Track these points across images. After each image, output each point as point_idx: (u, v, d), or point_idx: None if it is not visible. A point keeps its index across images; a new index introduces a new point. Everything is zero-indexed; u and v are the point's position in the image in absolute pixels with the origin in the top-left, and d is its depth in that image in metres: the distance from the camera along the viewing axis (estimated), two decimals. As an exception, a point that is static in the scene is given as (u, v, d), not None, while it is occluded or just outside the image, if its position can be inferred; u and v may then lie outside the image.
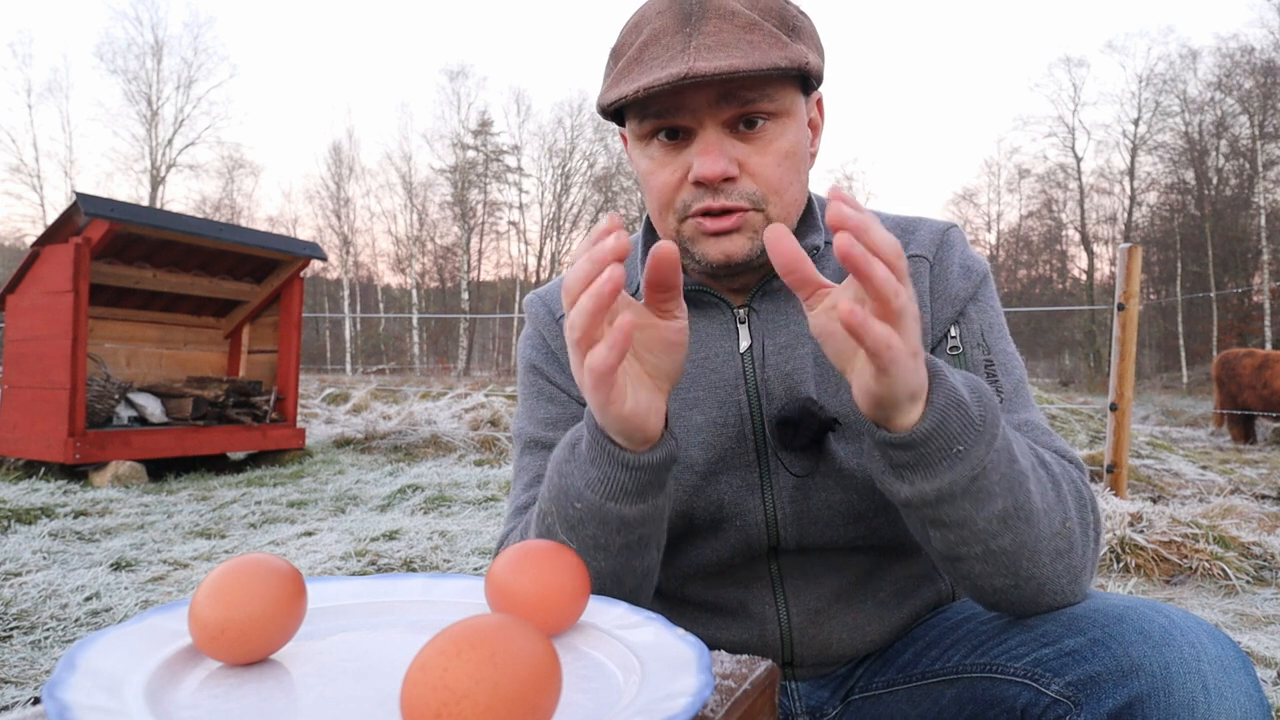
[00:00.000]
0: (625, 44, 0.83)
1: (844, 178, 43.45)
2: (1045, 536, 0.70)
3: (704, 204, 0.81)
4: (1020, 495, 0.68)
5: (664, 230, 0.87)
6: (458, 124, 39.50)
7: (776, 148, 0.81)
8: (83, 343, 4.76)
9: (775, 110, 0.80)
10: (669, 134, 0.82)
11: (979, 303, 0.90)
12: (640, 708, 0.44)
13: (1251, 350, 9.44)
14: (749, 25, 0.78)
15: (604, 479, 0.70)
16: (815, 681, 0.93)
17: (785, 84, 0.80)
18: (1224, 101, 31.76)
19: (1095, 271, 35.89)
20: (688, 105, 0.79)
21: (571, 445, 0.74)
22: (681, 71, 0.74)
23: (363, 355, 36.59)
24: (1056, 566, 0.71)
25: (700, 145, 0.80)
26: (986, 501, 0.66)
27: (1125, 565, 3.07)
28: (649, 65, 0.78)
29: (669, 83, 0.74)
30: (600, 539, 0.73)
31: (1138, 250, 3.95)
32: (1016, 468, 0.68)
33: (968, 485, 0.65)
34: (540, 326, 0.98)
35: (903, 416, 0.64)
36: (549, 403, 0.95)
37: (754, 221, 0.82)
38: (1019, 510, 0.68)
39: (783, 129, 0.81)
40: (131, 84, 36.38)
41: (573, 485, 0.72)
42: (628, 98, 0.77)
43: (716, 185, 0.80)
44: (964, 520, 0.67)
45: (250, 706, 0.47)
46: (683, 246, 0.85)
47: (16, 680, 1.94)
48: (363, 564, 3.03)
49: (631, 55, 0.80)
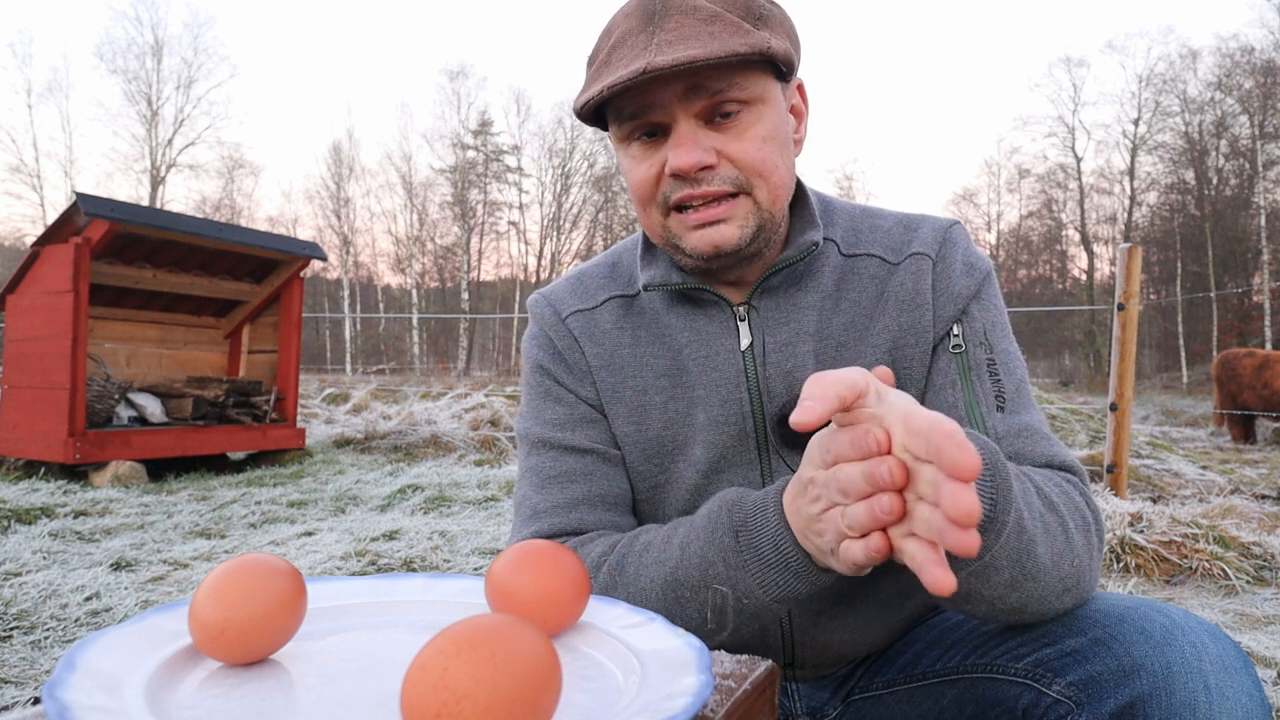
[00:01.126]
0: (598, 50, 0.84)
1: (844, 177, 43.48)
2: (1053, 582, 0.69)
3: (684, 192, 0.81)
4: (1028, 563, 0.66)
5: (649, 226, 0.87)
6: (458, 124, 39.55)
7: (754, 133, 0.81)
8: (83, 343, 4.76)
9: (747, 98, 0.80)
10: (647, 133, 0.83)
11: (982, 301, 0.90)
12: (640, 708, 0.44)
13: (1252, 350, 9.44)
14: (710, 17, 0.78)
15: (782, 585, 0.68)
16: (816, 682, 0.93)
17: (755, 72, 0.80)
18: (1224, 101, 31.77)
19: (1095, 271, 35.90)
20: (658, 101, 0.79)
21: (734, 532, 0.70)
22: (640, 67, 0.75)
23: (363, 355, 36.60)
24: (1064, 600, 0.71)
25: (674, 139, 0.80)
26: (992, 576, 0.65)
27: (1125, 565, 3.07)
28: (615, 66, 0.79)
29: (629, 79, 0.75)
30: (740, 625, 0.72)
31: (1138, 250, 3.95)
32: (1025, 537, 0.65)
33: (976, 569, 0.64)
34: (546, 327, 0.97)
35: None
36: (556, 403, 0.94)
37: (742, 208, 0.82)
38: (1026, 575, 0.66)
39: (758, 116, 0.81)
40: (131, 84, 36.43)
41: (743, 581, 0.69)
42: (593, 99, 0.79)
43: (694, 175, 0.80)
44: (967, 595, 0.66)
45: (250, 706, 0.47)
46: (672, 243, 0.85)
47: (16, 680, 1.94)
48: (363, 564, 3.03)
49: (602, 59, 0.82)
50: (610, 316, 0.95)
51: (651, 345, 0.92)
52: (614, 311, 0.95)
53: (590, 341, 0.94)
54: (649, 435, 0.91)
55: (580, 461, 0.91)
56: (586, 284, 0.98)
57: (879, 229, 0.93)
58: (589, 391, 0.94)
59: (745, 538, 0.69)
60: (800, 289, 0.89)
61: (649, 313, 0.94)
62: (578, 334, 0.95)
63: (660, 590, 0.75)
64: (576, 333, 0.95)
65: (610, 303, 0.96)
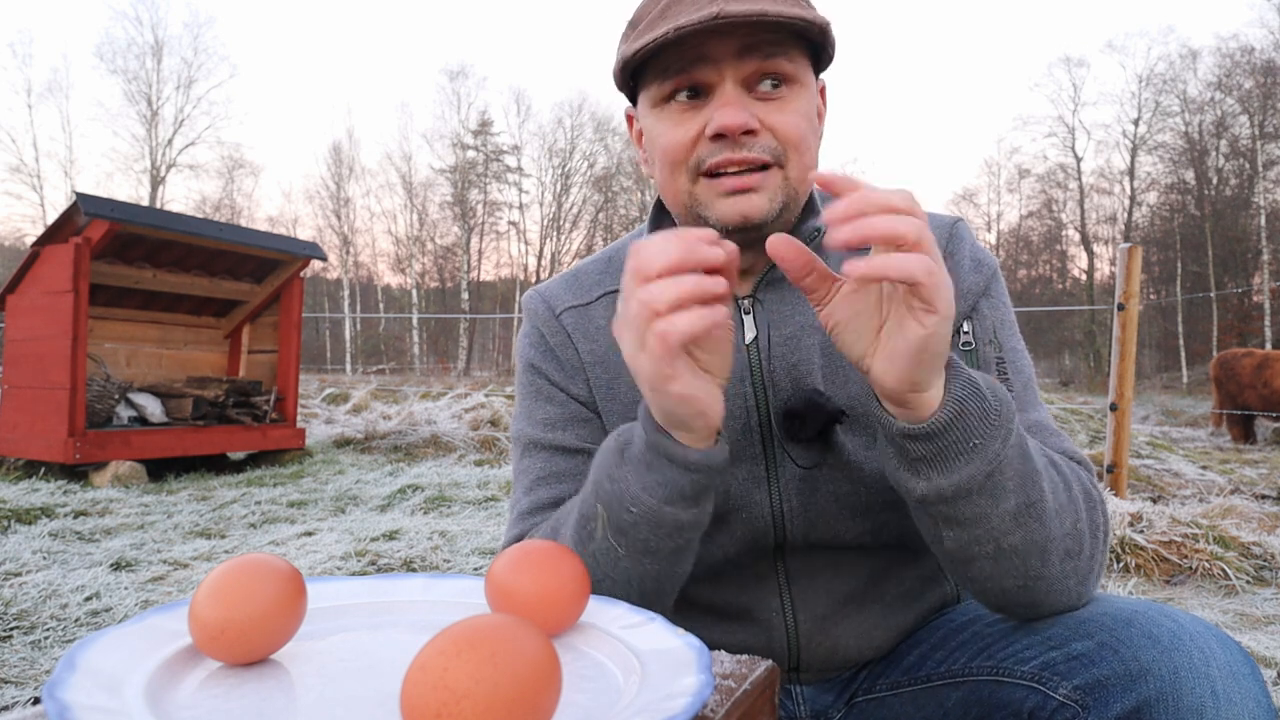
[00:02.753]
0: (647, 9, 0.83)
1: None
2: (1056, 536, 0.70)
3: (723, 156, 0.80)
4: (1034, 492, 0.68)
5: (673, 193, 0.85)
6: (458, 124, 39.54)
7: (795, 107, 0.81)
8: (83, 343, 4.76)
9: (793, 74, 0.81)
10: (690, 93, 0.81)
11: (991, 298, 0.89)
12: (640, 708, 0.44)
13: (1251, 350, 9.44)
14: None
15: (663, 483, 0.69)
16: (820, 685, 0.92)
17: (802, 51, 0.81)
18: (1224, 101, 31.75)
19: (1095, 271, 35.89)
20: (711, 55, 0.78)
21: (620, 450, 0.72)
22: (713, 12, 0.74)
23: (363, 355, 36.58)
24: (1065, 567, 0.71)
25: (720, 99, 0.79)
26: (1001, 498, 0.66)
27: (1125, 565, 3.07)
28: (677, 14, 0.77)
29: (701, 22, 0.74)
30: (651, 543, 0.72)
31: (1138, 250, 3.94)
32: (1030, 464, 0.68)
33: (984, 481, 0.65)
34: (540, 324, 0.96)
35: (923, 403, 0.64)
36: (548, 403, 0.93)
37: (773, 181, 0.81)
38: (1032, 507, 0.68)
39: (798, 94, 0.81)
40: (131, 84, 36.43)
41: (627, 490, 0.70)
42: (658, 40, 0.76)
43: (737, 139, 0.79)
44: (978, 517, 0.67)
45: (250, 706, 0.47)
46: (696, 212, 0.84)
47: (16, 680, 1.94)
48: (363, 564, 3.02)
49: (655, 15, 0.80)
50: (605, 312, 0.94)
51: None
52: (609, 307, 0.94)
53: (584, 337, 0.93)
54: None
55: (570, 462, 0.90)
56: (582, 280, 0.97)
57: None
58: (581, 389, 0.93)
59: (629, 451, 0.71)
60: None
61: None
62: (571, 330, 0.94)
63: (573, 533, 0.76)
64: (570, 328, 0.94)
65: (606, 298, 0.95)
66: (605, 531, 0.73)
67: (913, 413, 0.65)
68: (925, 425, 0.64)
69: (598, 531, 0.74)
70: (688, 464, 0.68)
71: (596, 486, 0.74)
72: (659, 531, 0.71)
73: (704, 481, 0.70)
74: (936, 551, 0.73)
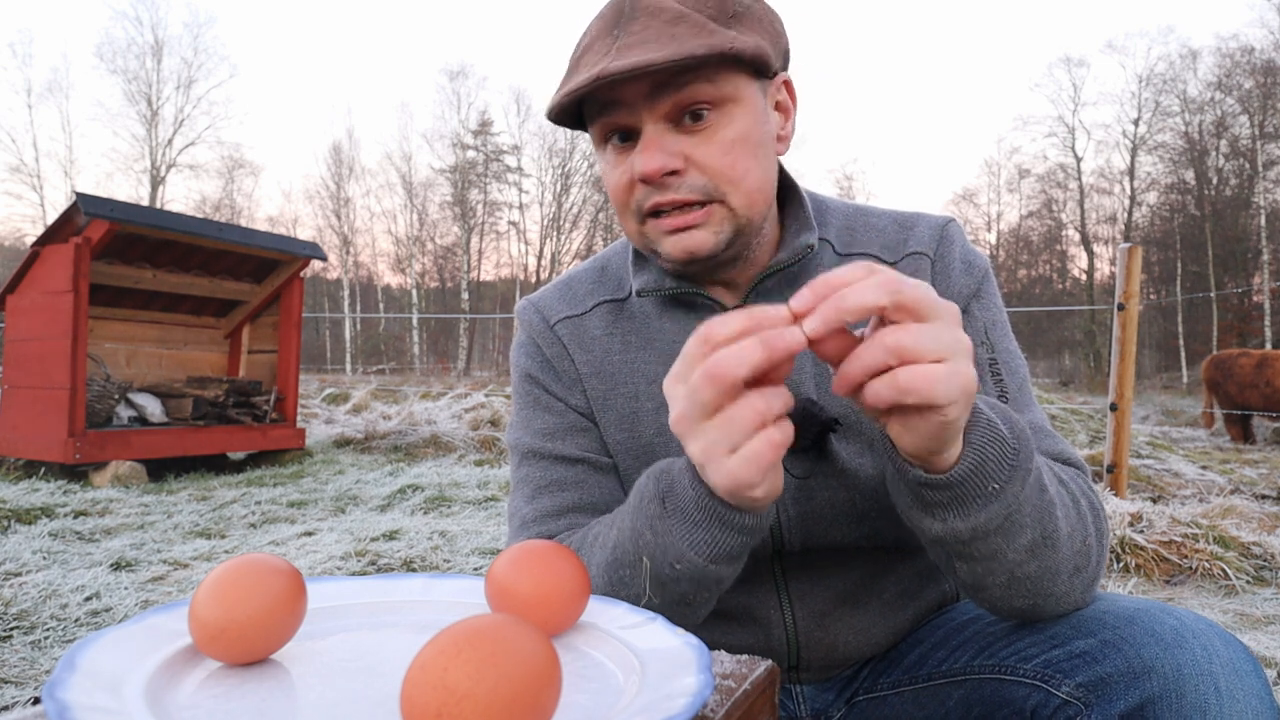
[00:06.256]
0: (573, 53, 0.84)
1: (844, 178, 43.49)
2: (1067, 556, 0.69)
3: (653, 200, 0.80)
4: (1049, 524, 0.67)
5: (630, 233, 0.86)
6: (458, 124, 39.55)
7: (723, 137, 0.79)
8: (83, 343, 4.76)
9: (722, 96, 0.78)
10: (621, 136, 0.82)
11: (982, 300, 0.89)
12: (640, 708, 0.44)
13: (1246, 350, 9.42)
14: (675, 18, 0.77)
15: (711, 543, 0.67)
16: (820, 684, 0.92)
17: (725, 71, 0.78)
18: (1224, 101, 31.77)
19: (1095, 271, 35.89)
20: (624, 102, 0.78)
21: (660, 498, 0.69)
22: (595, 73, 0.74)
23: (363, 355, 36.58)
24: (1074, 581, 0.71)
25: (641, 143, 0.79)
26: (1017, 535, 0.65)
27: (1125, 565, 3.07)
28: (580, 71, 0.78)
29: (585, 85, 0.74)
30: (689, 596, 0.71)
31: (1138, 250, 3.94)
32: (1046, 496, 0.66)
33: (1002, 522, 0.64)
34: (534, 334, 0.96)
35: (943, 459, 0.62)
36: (546, 413, 0.93)
37: (715, 215, 0.80)
38: (1047, 539, 0.67)
39: (729, 118, 0.79)
40: (131, 84, 36.44)
41: (672, 546, 0.68)
42: (554, 107, 0.79)
43: (660, 181, 0.79)
44: (994, 553, 0.66)
45: (250, 706, 0.47)
46: (650, 248, 0.85)
47: (16, 680, 1.94)
48: (363, 564, 3.03)
49: (571, 65, 0.82)
50: (599, 322, 0.94)
51: (642, 351, 0.91)
52: (603, 317, 0.94)
53: (579, 348, 0.93)
54: (641, 442, 0.89)
55: (570, 471, 0.90)
56: (575, 289, 0.97)
57: (874, 228, 0.92)
58: (579, 400, 0.92)
59: (671, 502, 0.68)
60: (795, 291, 0.88)
61: (639, 317, 0.93)
62: (566, 341, 0.94)
63: (603, 573, 0.74)
64: (565, 340, 0.94)
65: (599, 308, 0.94)
66: (646, 583, 0.71)
67: (932, 464, 0.63)
68: (945, 476, 0.63)
69: (636, 581, 0.72)
70: (742, 528, 0.67)
71: (637, 535, 0.71)
72: (699, 586, 0.70)
73: (752, 542, 0.69)
74: (948, 575, 0.73)
